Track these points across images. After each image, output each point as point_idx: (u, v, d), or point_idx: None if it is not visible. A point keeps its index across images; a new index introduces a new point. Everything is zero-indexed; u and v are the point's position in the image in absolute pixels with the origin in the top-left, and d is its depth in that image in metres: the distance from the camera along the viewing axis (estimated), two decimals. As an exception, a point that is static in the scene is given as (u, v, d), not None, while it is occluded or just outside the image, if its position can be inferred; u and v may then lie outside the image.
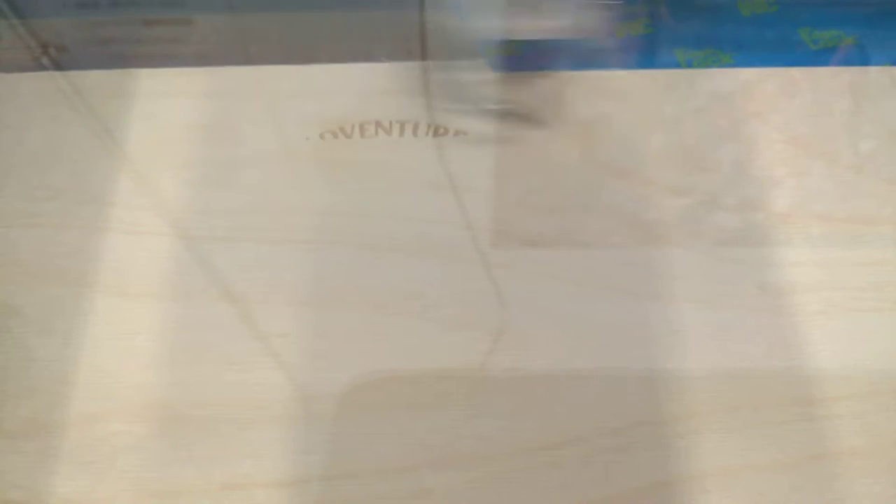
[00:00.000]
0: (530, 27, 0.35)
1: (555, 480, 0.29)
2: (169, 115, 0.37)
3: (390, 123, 0.37)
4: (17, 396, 0.31)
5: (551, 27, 0.34)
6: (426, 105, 0.38)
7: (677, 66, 0.39)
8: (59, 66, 0.39)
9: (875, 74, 0.38)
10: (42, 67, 0.39)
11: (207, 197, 0.35)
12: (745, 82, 0.38)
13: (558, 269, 0.33)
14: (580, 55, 0.37)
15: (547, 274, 0.33)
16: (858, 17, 0.40)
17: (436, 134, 0.37)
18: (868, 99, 0.37)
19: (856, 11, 0.40)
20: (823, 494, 0.29)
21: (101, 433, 0.30)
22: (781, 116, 0.37)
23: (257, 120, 0.37)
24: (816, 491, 0.29)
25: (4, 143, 0.37)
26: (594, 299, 0.33)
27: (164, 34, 0.40)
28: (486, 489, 0.29)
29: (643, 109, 0.37)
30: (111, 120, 0.37)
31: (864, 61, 0.39)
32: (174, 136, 0.37)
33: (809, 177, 0.36)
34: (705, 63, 0.39)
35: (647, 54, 0.40)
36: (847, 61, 0.39)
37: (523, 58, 0.39)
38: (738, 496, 0.29)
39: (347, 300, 0.33)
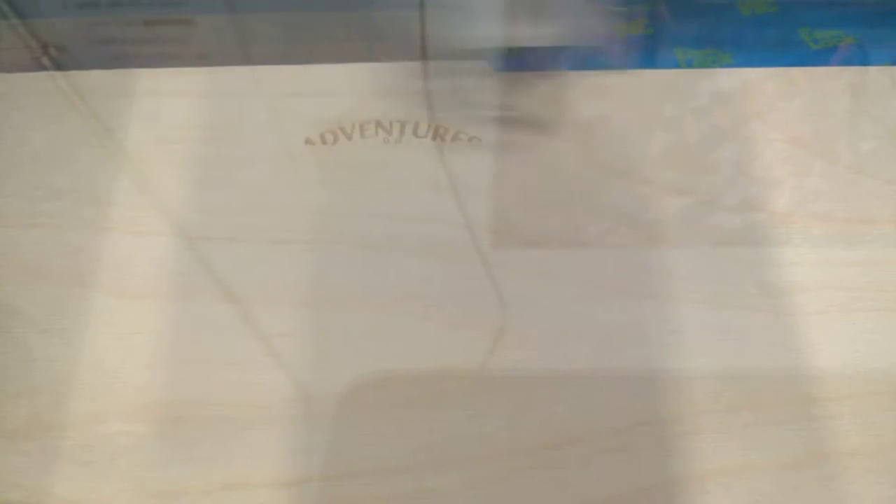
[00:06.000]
0: (531, 34, 0.34)
1: (555, 480, 0.29)
2: (169, 115, 0.37)
3: (390, 123, 0.37)
4: (18, 396, 0.31)
5: (552, 34, 0.34)
6: (426, 105, 0.38)
7: (677, 66, 0.39)
8: (59, 66, 0.39)
9: (875, 74, 0.38)
10: (42, 67, 0.39)
11: (207, 197, 0.35)
12: (745, 82, 0.38)
13: (558, 269, 0.33)
14: (582, 56, 0.37)
15: (547, 274, 0.33)
16: (858, 17, 0.40)
17: (436, 134, 0.37)
18: (868, 99, 0.37)
19: (856, 11, 0.40)
20: (823, 494, 0.29)
21: (102, 433, 0.30)
22: (781, 116, 0.37)
23: (257, 120, 0.37)
24: (816, 491, 0.29)
25: (5, 143, 0.37)
26: (594, 299, 0.33)
27: (165, 34, 0.40)
28: (486, 489, 0.29)
29: (643, 109, 0.37)
30: (111, 120, 0.37)
31: (864, 61, 0.39)
32: (174, 136, 0.37)
33: (809, 177, 0.36)
34: (705, 63, 0.39)
35: (647, 54, 0.40)
36: (847, 61, 0.39)
37: (523, 58, 0.39)
38: (738, 496, 0.29)
39: (347, 300, 0.33)
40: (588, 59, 0.38)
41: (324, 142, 0.37)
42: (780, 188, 0.35)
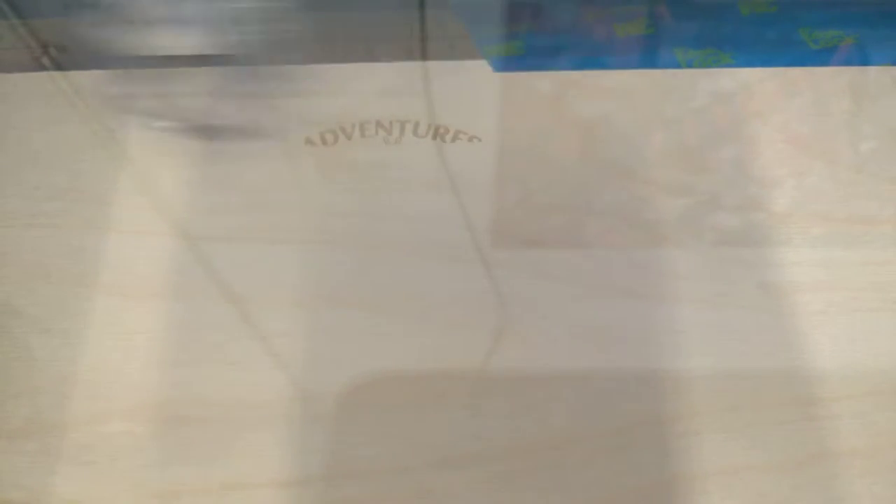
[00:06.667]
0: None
1: (555, 480, 0.29)
2: (169, 114, 0.37)
3: (390, 123, 0.37)
4: (18, 396, 0.31)
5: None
6: (426, 105, 0.38)
7: (677, 66, 0.39)
8: (59, 66, 0.39)
9: (875, 74, 0.38)
10: (42, 67, 0.39)
11: (207, 197, 0.35)
12: (745, 82, 0.38)
13: (558, 269, 0.33)
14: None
15: (547, 274, 0.33)
16: (858, 17, 0.40)
17: (436, 134, 0.37)
18: (868, 99, 0.37)
19: (856, 11, 0.40)
20: (823, 494, 0.29)
21: (102, 433, 0.30)
22: (781, 116, 0.37)
23: (257, 120, 0.37)
24: (816, 491, 0.29)
25: (5, 143, 0.37)
26: (594, 299, 0.33)
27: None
28: (486, 489, 0.29)
29: (643, 109, 0.37)
30: (111, 120, 0.37)
31: (864, 61, 0.39)
32: (174, 136, 0.37)
33: (809, 177, 0.36)
34: (705, 63, 0.39)
35: (647, 54, 0.40)
36: (847, 61, 0.39)
37: (524, 58, 0.39)
38: (738, 496, 0.29)
39: (347, 300, 0.33)
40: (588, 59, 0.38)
41: (324, 142, 0.37)
42: (780, 188, 0.35)
